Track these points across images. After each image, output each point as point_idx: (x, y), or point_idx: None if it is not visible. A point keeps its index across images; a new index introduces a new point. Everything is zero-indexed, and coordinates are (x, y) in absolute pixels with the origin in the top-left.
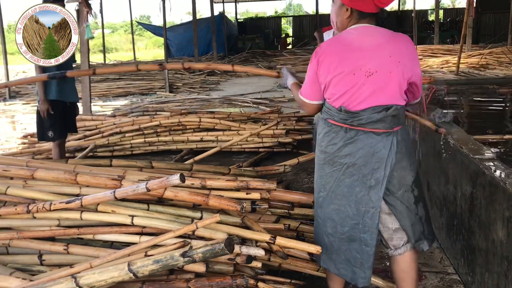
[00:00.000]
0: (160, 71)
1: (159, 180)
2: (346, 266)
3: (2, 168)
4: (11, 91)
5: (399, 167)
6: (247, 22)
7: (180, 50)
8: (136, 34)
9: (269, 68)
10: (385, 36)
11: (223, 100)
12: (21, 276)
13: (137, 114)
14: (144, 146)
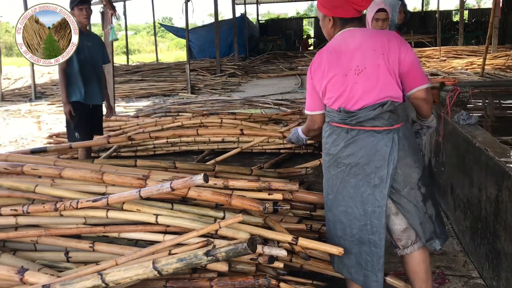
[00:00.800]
0: (182, 72)
1: (183, 180)
2: (357, 270)
3: (30, 166)
4: (37, 91)
5: (403, 164)
6: (268, 23)
7: (202, 51)
8: (158, 35)
9: (291, 69)
10: (367, 33)
11: (244, 101)
12: (49, 272)
13: (159, 115)
14: (167, 146)
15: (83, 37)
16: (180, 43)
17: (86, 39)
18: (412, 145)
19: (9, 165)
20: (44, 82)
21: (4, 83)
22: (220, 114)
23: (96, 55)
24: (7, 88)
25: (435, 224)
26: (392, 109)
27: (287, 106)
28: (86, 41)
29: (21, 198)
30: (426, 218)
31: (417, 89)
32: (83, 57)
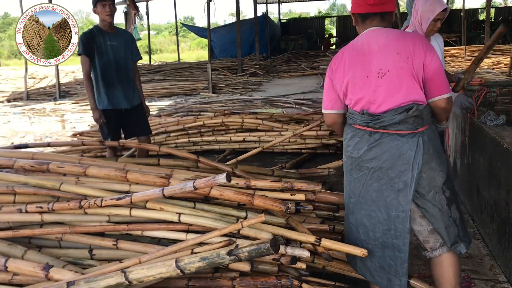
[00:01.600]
0: (204, 71)
1: (206, 179)
2: (381, 273)
3: (56, 164)
4: (61, 90)
5: (427, 168)
6: (290, 22)
7: (223, 51)
8: (180, 35)
9: (312, 69)
10: (393, 35)
11: (265, 100)
12: (73, 269)
13: (181, 114)
14: (188, 145)
15: (106, 37)
16: (201, 43)
17: (111, 39)
18: (437, 148)
19: (35, 163)
20: (68, 81)
21: (30, 82)
22: (241, 114)
23: (123, 54)
24: (33, 87)
25: (459, 228)
26: (417, 114)
27: (309, 106)
28: (110, 41)
29: (47, 196)
30: (451, 222)
31: (438, 98)
32: (107, 60)
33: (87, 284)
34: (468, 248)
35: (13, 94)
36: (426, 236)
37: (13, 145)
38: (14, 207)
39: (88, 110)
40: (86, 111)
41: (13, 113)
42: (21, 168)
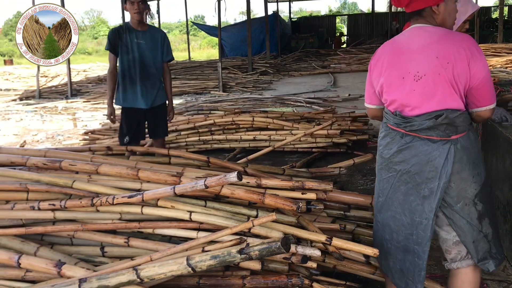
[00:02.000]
0: (214, 70)
1: (217, 177)
2: (400, 276)
3: (68, 162)
4: (73, 89)
5: (458, 178)
6: (300, 21)
7: (234, 49)
8: (190, 34)
9: (323, 67)
10: (435, 36)
11: (275, 99)
12: (85, 266)
13: (192, 113)
14: (199, 144)
15: (133, 34)
16: (212, 42)
17: (138, 37)
18: (472, 158)
19: (48, 161)
20: (80, 80)
21: (42, 80)
22: (252, 112)
23: (150, 53)
24: (44, 86)
25: (491, 244)
26: (448, 122)
27: (320, 105)
28: (138, 38)
29: (59, 193)
30: (481, 237)
31: (483, 109)
32: (131, 57)
33: (99, 281)
34: (497, 266)
35: (25, 92)
36: (449, 246)
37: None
38: (27, 204)
39: (99, 109)
40: (98, 109)
41: (26, 111)
42: (34, 165)
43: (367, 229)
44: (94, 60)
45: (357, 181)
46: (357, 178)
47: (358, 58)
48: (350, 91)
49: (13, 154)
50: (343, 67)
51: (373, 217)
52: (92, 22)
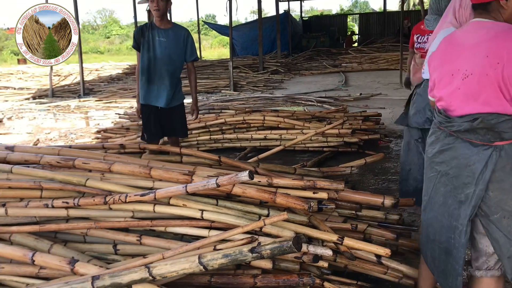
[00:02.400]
0: (225, 69)
1: (228, 176)
2: (443, 277)
3: (82, 161)
4: (85, 88)
5: (497, 187)
6: (312, 20)
7: (245, 49)
8: (201, 33)
9: (334, 66)
10: (491, 32)
11: (286, 98)
12: (98, 263)
13: (203, 112)
14: (210, 143)
15: (156, 32)
16: (223, 41)
17: (161, 35)
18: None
19: (62, 159)
20: (92, 79)
21: (54, 79)
22: (263, 111)
23: (171, 52)
24: (57, 85)
25: None
26: (486, 126)
27: (331, 104)
28: (159, 36)
29: (73, 191)
30: None
31: None
32: (152, 55)
33: (111, 278)
34: None
35: (38, 91)
36: (479, 254)
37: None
38: (41, 202)
39: (112, 107)
40: (110, 108)
41: (39, 110)
42: (48, 164)
43: (379, 229)
44: (106, 59)
45: (369, 180)
46: (368, 178)
47: (369, 57)
48: (362, 90)
49: (27, 152)
50: (354, 66)
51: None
52: (104, 22)
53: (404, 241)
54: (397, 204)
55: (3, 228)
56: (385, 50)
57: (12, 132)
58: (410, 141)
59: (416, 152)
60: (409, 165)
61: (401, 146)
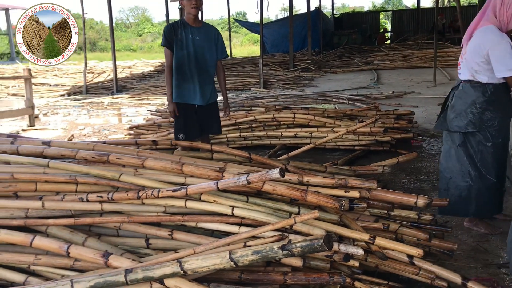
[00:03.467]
0: (255, 67)
1: (259, 173)
2: None
3: (116, 156)
4: (118, 85)
5: None
6: (343, 17)
7: (275, 46)
8: (232, 31)
9: (366, 64)
10: None
11: (317, 96)
12: (130, 257)
13: (233, 109)
14: (239, 140)
15: (188, 30)
16: (253, 38)
17: (193, 33)
18: None
19: (96, 154)
20: (125, 76)
21: (88, 76)
22: (293, 109)
23: (204, 50)
24: (91, 82)
25: None
26: None
27: (362, 102)
28: (193, 35)
29: (107, 186)
30: None
31: None
32: (186, 53)
33: (144, 272)
34: None
35: (73, 88)
36: None
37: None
38: (76, 196)
39: (144, 104)
40: (142, 105)
41: (73, 106)
42: (83, 159)
43: (411, 229)
44: (139, 57)
45: (401, 180)
46: (400, 177)
47: (402, 55)
48: (394, 88)
49: (64, 147)
50: (386, 64)
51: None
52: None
53: (437, 242)
54: (430, 204)
55: (40, 220)
56: (419, 47)
57: (48, 127)
58: (451, 147)
59: (458, 158)
60: (450, 173)
61: (441, 152)
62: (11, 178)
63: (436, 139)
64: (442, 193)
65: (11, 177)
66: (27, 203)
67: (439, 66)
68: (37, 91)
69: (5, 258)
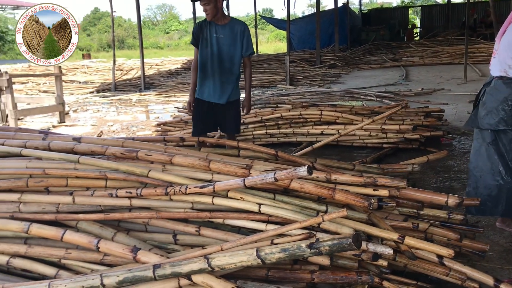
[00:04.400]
0: (281, 64)
1: (287, 171)
2: None
3: (144, 152)
4: (146, 82)
5: None
6: (371, 13)
7: (302, 43)
8: (258, 27)
9: (394, 60)
10: None
11: (344, 93)
12: (159, 253)
13: (259, 106)
14: (265, 137)
15: (213, 28)
16: (279, 35)
17: (218, 31)
18: None
19: (126, 151)
20: (153, 73)
21: (117, 74)
22: (320, 106)
23: (228, 48)
24: (120, 79)
25: None
26: None
27: (391, 99)
28: (217, 33)
29: (135, 182)
30: None
31: None
32: (210, 51)
33: (172, 268)
34: None
35: (102, 85)
36: None
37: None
38: (105, 192)
39: (171, 101)
40: (169, 102)
41: (102, 103)
42: (112, 155)
43: (441, 229)
44: (166, 54)
45: (430, 178)
46: (429, 176)
47: (431, 51)
48: (423, 85)
49: (94, 143)
50: (415, 60)
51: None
52: (163, 17)
53: (468, 242)
54: (461, 203)
55: (70, 215)
56: (449, 43)
57: (78, 124)
58: (481, 145)
59: (488, 157)
60: (480, 172)
61: (471, 150)
62: (43, 173)
63: (467, 137)
64: (470, 192)
65: (43, 172)
66: (58, 198)
67: (470, 63)
68: (67, 88)
69: (37, 252)
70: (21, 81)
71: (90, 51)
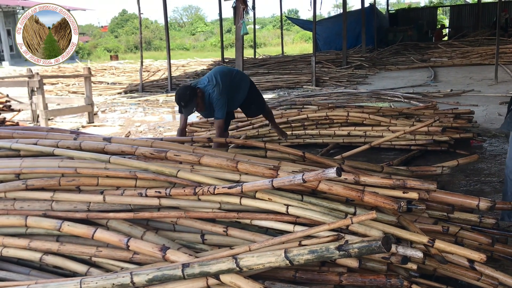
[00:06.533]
0: (307, 64)
1: (315, 172)
2: None
3: (173, 153)
4: (172, 83)
5: None
6: (399, 13)
7: (328, 43)
8: (283, 28)
9: (422, 61)
10: None
11: (371, 94)
12: (187, 252)
13: (285, 107)
14: (291, 138)
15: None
16: (305, 36)
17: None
18: None
19: (155, 151)
20: (179, 74)
21: (144, 75)
22: (346, 107)
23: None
24: (147, 80)
25: None
26: None
27: (419, 100)
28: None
29: (164, 182)
30: None
31: None
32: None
33: (200, 267)
34: None
35: (129, 86)
36: None
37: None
38: (135, 191)
39: None
40: None
41: (130, 104)
42: (142, 155)
43: (472, 233)
44: (192, 56)
45: (460, 181)
46: (459, 179)
47: (461, 52)
48: (452, 86)
49: (124, 144)
50: (444, 61)
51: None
52: (190, 19)
53: (500, 247)
54: (493, 207)
55: (101, 214)
56: (479, 44)
57: (106, 124)
58: None
59: None
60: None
61: (507, 154)
62: (74, 172)
63: (498, 140)
64: (508, 197)
65: (75, 171)
66: (89, 197)
67: (501, 63)
68: (95, 89)
69: (69, 249)
70: (51, 82)
71: (117, 52)
